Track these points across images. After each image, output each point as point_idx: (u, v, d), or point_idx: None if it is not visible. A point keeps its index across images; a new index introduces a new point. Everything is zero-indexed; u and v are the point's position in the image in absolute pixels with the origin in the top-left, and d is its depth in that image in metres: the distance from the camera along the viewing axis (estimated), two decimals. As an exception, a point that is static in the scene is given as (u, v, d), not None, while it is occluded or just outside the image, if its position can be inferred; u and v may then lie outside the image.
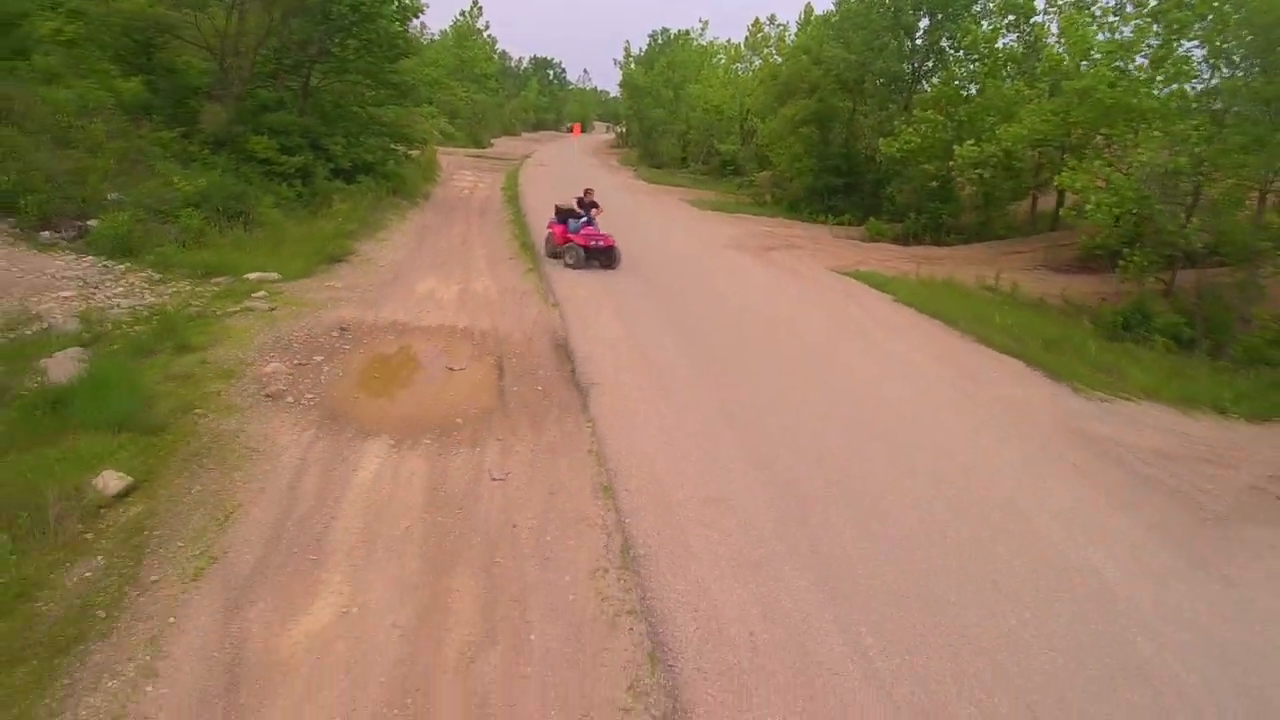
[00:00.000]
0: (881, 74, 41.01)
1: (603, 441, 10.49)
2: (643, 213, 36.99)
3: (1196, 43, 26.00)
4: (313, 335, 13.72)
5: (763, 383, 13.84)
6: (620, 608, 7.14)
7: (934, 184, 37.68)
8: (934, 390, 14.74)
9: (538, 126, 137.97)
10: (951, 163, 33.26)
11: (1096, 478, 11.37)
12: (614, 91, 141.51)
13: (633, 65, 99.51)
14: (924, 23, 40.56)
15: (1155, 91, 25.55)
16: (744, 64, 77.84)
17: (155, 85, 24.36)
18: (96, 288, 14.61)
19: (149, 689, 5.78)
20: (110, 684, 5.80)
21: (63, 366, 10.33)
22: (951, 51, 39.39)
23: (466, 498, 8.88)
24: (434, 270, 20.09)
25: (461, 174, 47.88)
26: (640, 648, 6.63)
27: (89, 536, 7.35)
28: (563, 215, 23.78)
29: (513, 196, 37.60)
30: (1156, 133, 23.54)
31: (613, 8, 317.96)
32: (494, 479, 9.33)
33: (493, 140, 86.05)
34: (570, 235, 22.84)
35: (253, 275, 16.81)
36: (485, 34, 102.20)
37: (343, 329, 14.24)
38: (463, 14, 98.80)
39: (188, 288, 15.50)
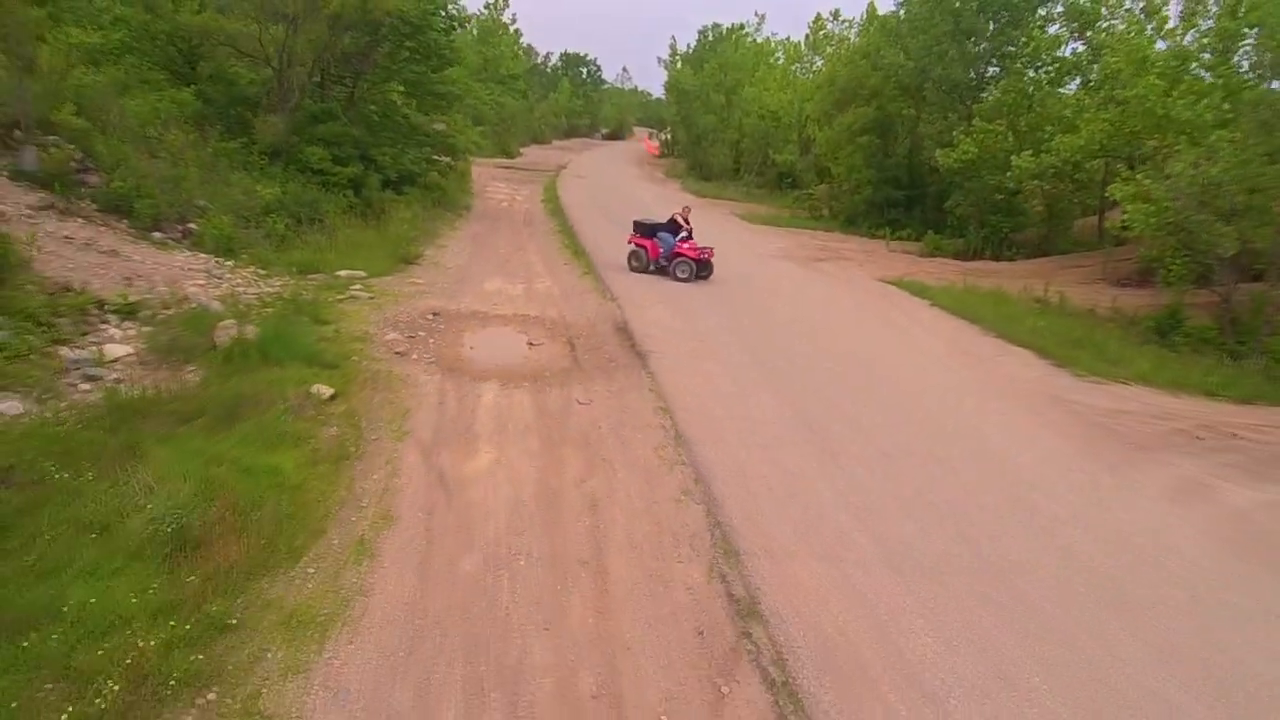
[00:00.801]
0: (941, 81, 46.85)
1: (660, 385, 16.51)
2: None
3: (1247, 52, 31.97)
4: (413, 318, 19.83)
5: (791, 351, 20.01)
6: (675, 461, 13.07)
7: (999, 197, 43.18)
8: (937, 362, 20.84)
9: (570, 133, 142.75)
10: (1008, 174, 38.68)
11: (1053, 422, 17.24)
12: (656, 92, 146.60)
13: (679, 65, 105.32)
14: (988, 28, 46.28)
15: (1207, 103, 31.14)
16: (804, 65, 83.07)
17: (206, 95, 30.41)
18: (220, 279, 20.74)
19: (397, 480, 11.74)
20: (375, 476, 11.77)
21: (229, 332, 16.33)
22: (1014, 60, 45.18)
23: (563, 413, 14.87)
24: (497, 272, 26.24)
25: (495, 186, 54.40)
26: (688, 478, 12.52)
27: (322, 419, 13.39)
28: (645, 230, 29.13)
29: (555, 210, 43.69)
30: (1181, 144, 29.23)
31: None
32: (580, 403, 15.32)
33: (521, 149, 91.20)
34: (681, 249, 28.30)
35: (343, 273, 22.95)
36: (511, 29, 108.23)
37: (435, 314, 20.35)
38: (488, 6, 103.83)
39: (292, 281, 21.58)
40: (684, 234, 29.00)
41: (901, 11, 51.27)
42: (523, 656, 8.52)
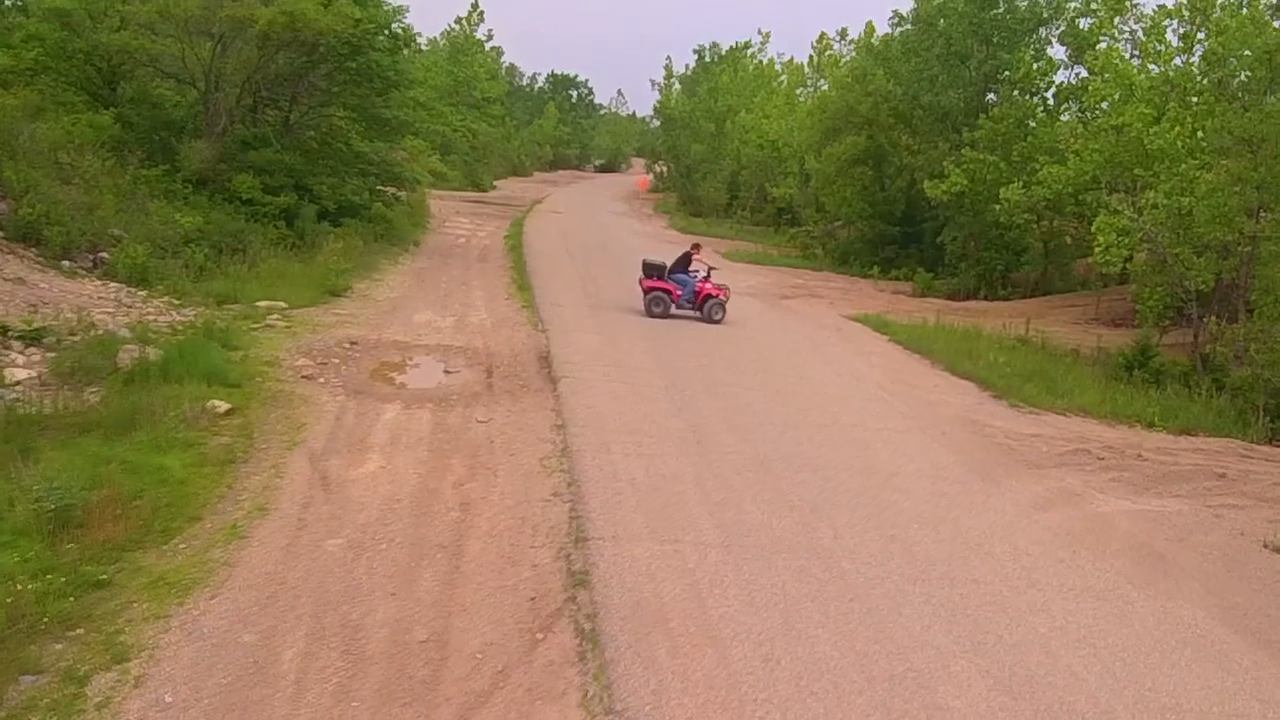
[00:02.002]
0: (931, 108, 49.57)
1: (564, 405, 19.11)
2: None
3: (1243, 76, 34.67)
4: (328, 346, 22.45)
5: (712, 379, 22.74)
6: (556, 469, 15.61)
7: (995, 233, 45.70)
8: (865, 390, 23.64)
9: (556, 164, 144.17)
10: (997, 206, 41.13)
11: (953, 442, 19.87)
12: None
13: (675, 87, 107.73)
14: (981, 52, 49.05)
15: (1179, 131, 33.70)
16: (809, 88, 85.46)
17: (127, 119, 32.73)
18: (130, 307, 23.35)
19: (279, 480, 14.30)
20: (255, 478, 14.34)
21: (132, 354, 18.86)
22: (1009, 86, 47.87)
23: (460, 429, 17.47)
24: (431, 306, 28.89)
25: (456, 221, 57.13)
26: (563, 482, 15.07)
27: (215, 430, 16.01)
28: (656, 271, 30.87)
29: (516, 247, 46.26)
30: (1161, 174, 31.83)
31: (656, 14, 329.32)
32: (479, 421, 17.94)
33: (496, 183, 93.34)
34: (706, 288, 30.71)
35: (262, 304, 25.51)
36: (488, 46, 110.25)
37: (353, 343, 22.97)
38: (459, 21, 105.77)
39: (208, 311, 24.08)
40: (703, 272, 31.24)
41: (896, 32, 53.84)
42: (366, 614, 10.95)
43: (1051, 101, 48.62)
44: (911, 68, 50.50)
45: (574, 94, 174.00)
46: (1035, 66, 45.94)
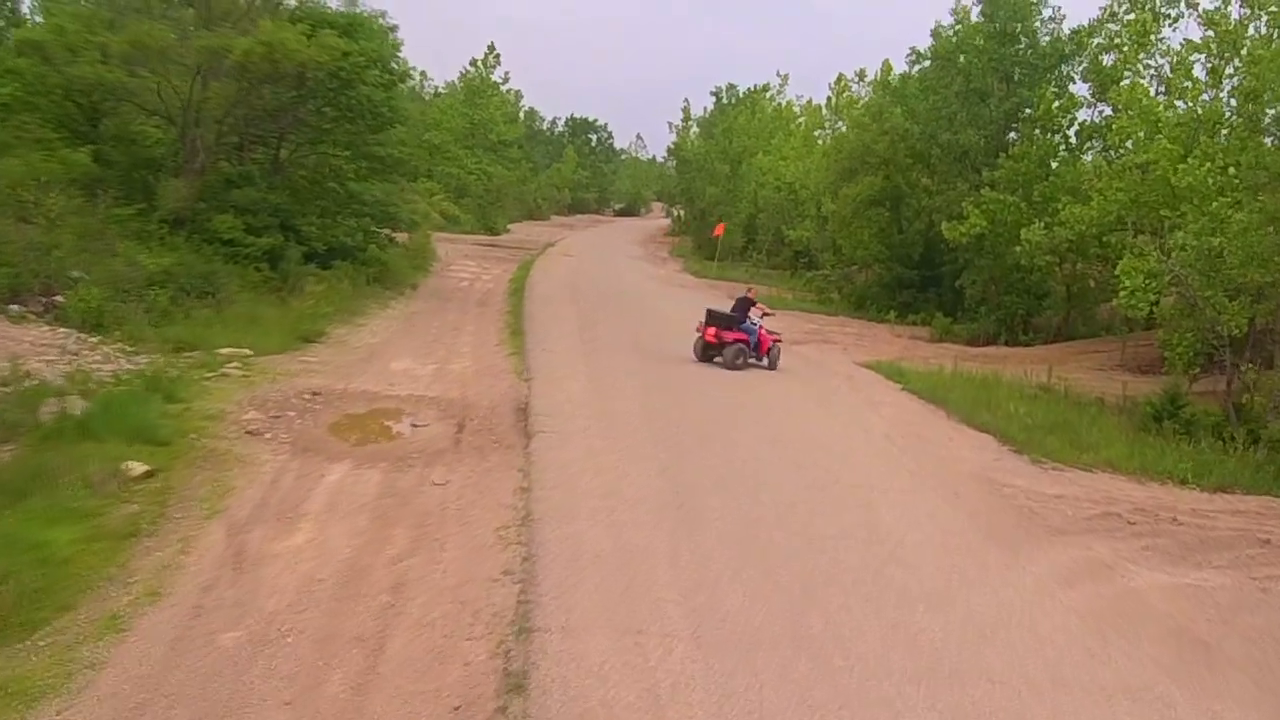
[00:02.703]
0: (950, 147, 47.80)
1: (534, 464, 17.08)
2: (666, 309, 43.66)
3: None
4: (286, 397, 20.57)
5: (707, 432, 20.73)
6: (512, 540, 13.55)
7: (1016, 276, 43.84)
8: (874, 443, 21.73)
9: (574, 208, 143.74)
10: (1018, 248, 39.31)
11: (967, 504, 17.85)
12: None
13: (694, 129, 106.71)
14: (1001, 89, 47.30)
15: (1209, 168, 31.75)
16: (827, 130, 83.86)
17: (106, 156, 31.12)
18: (76, 354, 21.51)
19: (184, 557, 12.36)
20: (156, 554, 12.41)
21: (55, 408, 17.07)
22: (1030, 124, 46.04)
23: (412, 494, 15.51)
24: (413, 352, 27.06)
25: (462, 264, 55.44)
26: (518, 557, 13.04)
27: (125, 496, 14.09)
28: (718, 320, 29.51)
29: (519, 290, 44.66)
30: (1189, 213, 29.90)
31: (677, 59, 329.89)
32: (435, 484, 15.98)
33: (510, 226, 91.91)
34: (763, 335, 29.92)
35: (225, 350, 23.68)
36: (504, 88, 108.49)
37: (315, 394, 21.08)
38: (474, 63, 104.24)
39: (162, 359, 22.26)
40: (756, 318, 30.45)
41: (914, 70, 52.25)
42: (250, 728, 9.08)
43: (1074, 140, 46.67)
44: (929, 105, 48.88)
45: (593, 138, 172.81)
46: (1056, 104, 44.00)
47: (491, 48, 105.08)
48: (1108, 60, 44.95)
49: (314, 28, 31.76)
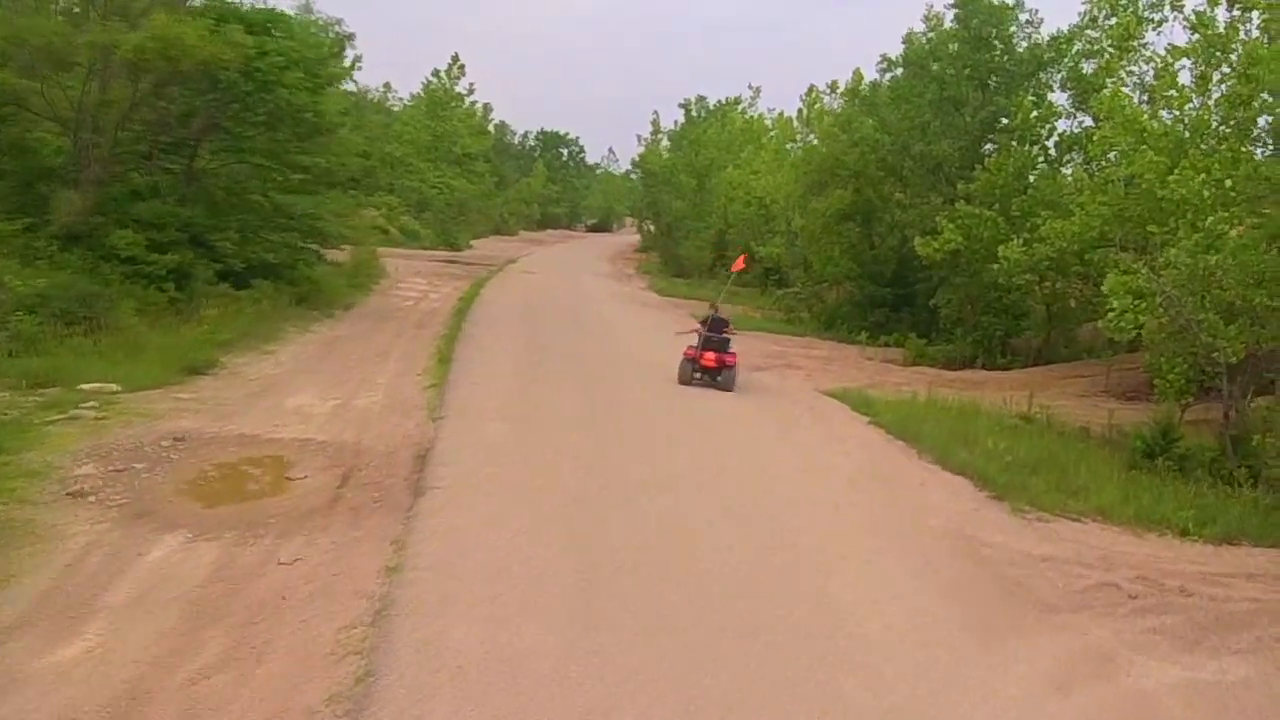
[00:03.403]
0: (923, 158, 44.98)
1: (414, 532, 14.04)
2: (624, 331, 40.76)
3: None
4: (140, 444, 17.45)
5: (634, 480, 17.85)
6: (355, 648, 10.51)
7: (994, 295, 41.10)
8: (835, 492, 18.86)
9: (544, 223, 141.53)
10: (995, 266, 36.58)
11: (942, 574, 14.84)
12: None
13: (664, 142, 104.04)
14: (978, 97, 44.47)
15: (1204, 179, 29.07)
16: (799, 143, 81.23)
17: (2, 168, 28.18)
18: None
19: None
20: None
21: None
22: (1008, 134, 43.22)
23: (249, 576, 12.43)
24: (319, 384, 24.01)
25: (413, 281, 52.44)
26: (356, 672, 10.01)
27: None
28: (716, 344, 28.90)
29: (465, 310, 42.02)
30: (1181, 228, 27.19)
31: (654, 74, 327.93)
32: (281, 563, 12.90)
33: (475, 242, 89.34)
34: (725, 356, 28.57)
35: (88, 386, 20.62)
36: (470, 100, 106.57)
37: (177, 439, 17.98)
38: (436, 74, 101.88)
39: (6, 396, 19.32)
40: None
41: (885, 79, 49.48)
42: None
43: (1053, 152, 43.86)
44: (901, 115, 46.03)
45: (564, 152, 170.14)
46: (1035, 114, 41.18)
47: (456, 58, 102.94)
48: (1088, 68, 42.36)
49: (219, 22, 28.68)
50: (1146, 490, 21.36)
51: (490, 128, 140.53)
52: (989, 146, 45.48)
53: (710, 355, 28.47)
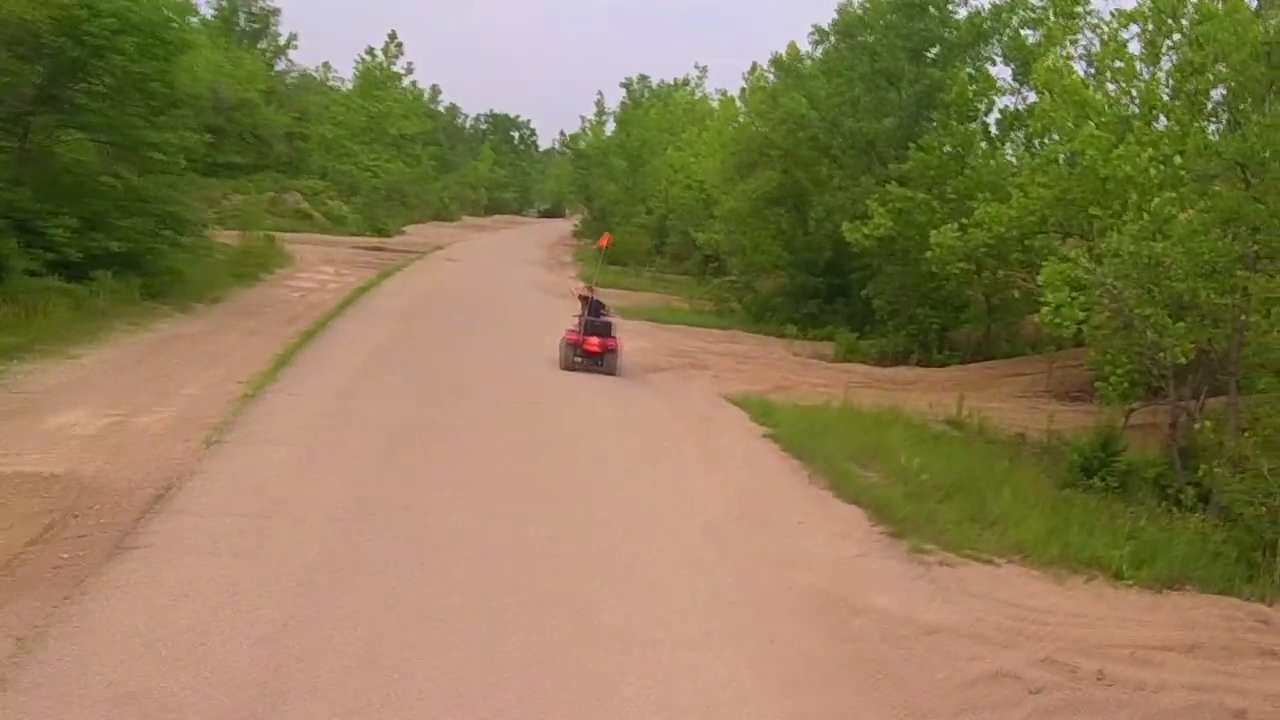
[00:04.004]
0: (854, 136, 41.53)
1: (60, 617, 10.41)
2: (531, 327, 37.20)
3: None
4: None
5: (447, 527, 14.10)
6: None
7: (930, 285, 38.02)
8: (688, 540, 15.35)
9: (492, 209, 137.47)
10: (928, 253, 33.47)
11: (793, 667, 11.24)
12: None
13: (610, 124, 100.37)
14: (913, 70, 40.97)
15: (1151, 155, 25.85)
16: (741, 123, 77.84)
17: None
18: None
19: None
20: None
21: None
22: (945, 110, 39.81)
23: None
24: (106, 396, 20.26)
25: (317, 270, 48.80)
26: None
27: None
28: (599, 328, 28.60)
29: (353, 301, 38.93)
30: (1128, 212, 24.05)
31: (617, 57, 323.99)
32: None
33: (408, 228, 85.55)
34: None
35: None
36: (408, 80, 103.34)
37: None
38: (370, 53, 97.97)
39: None
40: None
41: (818, 50, 45.85)
42: None
43: (995, 130, 40.54)
44: (832, 89, 42.43)
45: (516, 135, 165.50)
46: (973, 88, 37.80)
47: (393, 36, 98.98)
48: (1033, 38, 39.10)
49: (29, -23, 25.02)
50: (1077, 520, 18.14)
51: (441, 109, 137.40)
52: (934, 125, 41.99)
53: (594, 340, 27.88)
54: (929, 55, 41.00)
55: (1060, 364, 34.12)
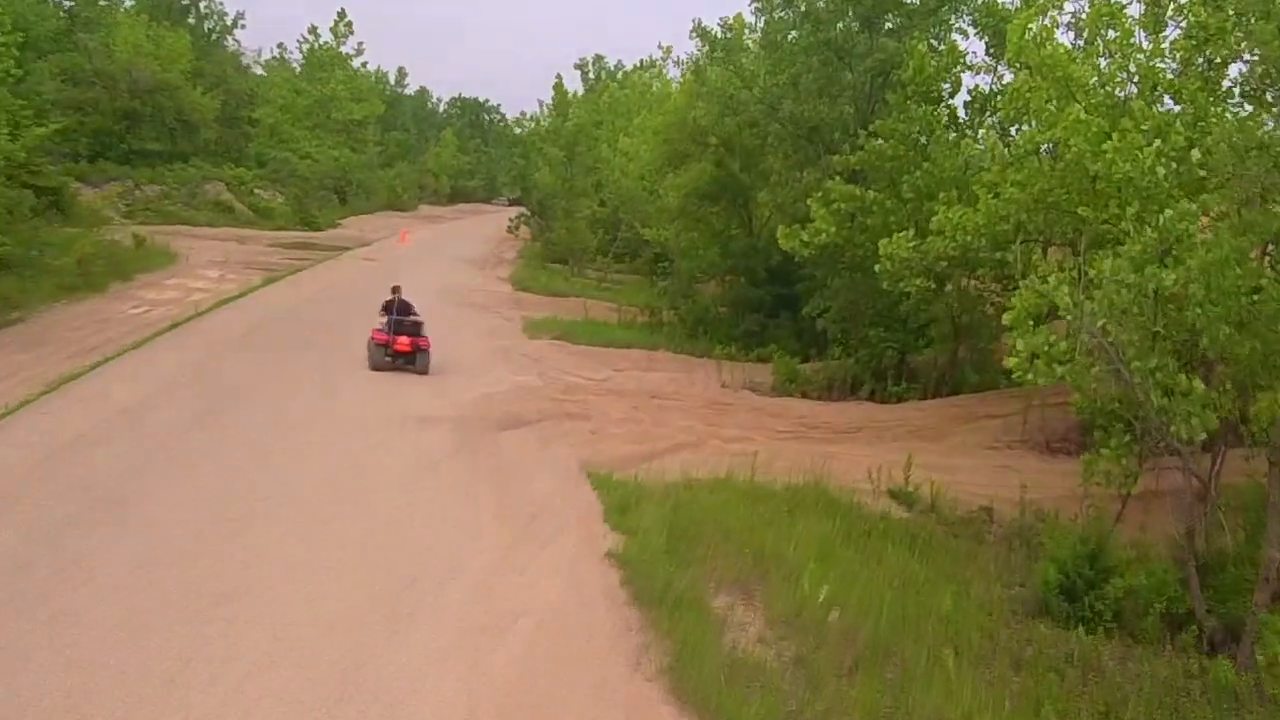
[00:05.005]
0: (795, 122, 34.59)
1: None
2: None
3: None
4: None
5: None
6: None
7: (885, 302, 31.98)
8: None
9: (456, 197, 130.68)
10: (877, 266, 26.95)
11: None
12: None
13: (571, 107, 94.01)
14: (867, 45, 33.98)
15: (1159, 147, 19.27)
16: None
17: None
18: None
19: None
20: None
21: None
22: (899, 90, 32.89)
23: None
24: None
25: (197, 275, 42.69)
26: None
27: None
28: (409, 328, 28.00)
29: (191, 320, 32.61)
30: (1127, 220, 17.46)
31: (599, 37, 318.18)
32: None
33: (348, 220, 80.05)
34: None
35: None
36: (358, 62, 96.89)
37: None
38: (313, 31, 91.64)
39: None
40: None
41: (759, 22, 38.58)
42: None
43: (963, 114, 33.65)
44: (770, 65, 35.45)
45: (485, 119, 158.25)
46: (934, 62, 30.98)
47: (342, 14, 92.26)
48: (1008, 2, 32.30)
49: None
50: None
51: (408, 93, 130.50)
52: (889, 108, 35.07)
53: (404, 340, 27.64)
54: (886, 24, 34.00)
55: (1039, 400, 27.31)
